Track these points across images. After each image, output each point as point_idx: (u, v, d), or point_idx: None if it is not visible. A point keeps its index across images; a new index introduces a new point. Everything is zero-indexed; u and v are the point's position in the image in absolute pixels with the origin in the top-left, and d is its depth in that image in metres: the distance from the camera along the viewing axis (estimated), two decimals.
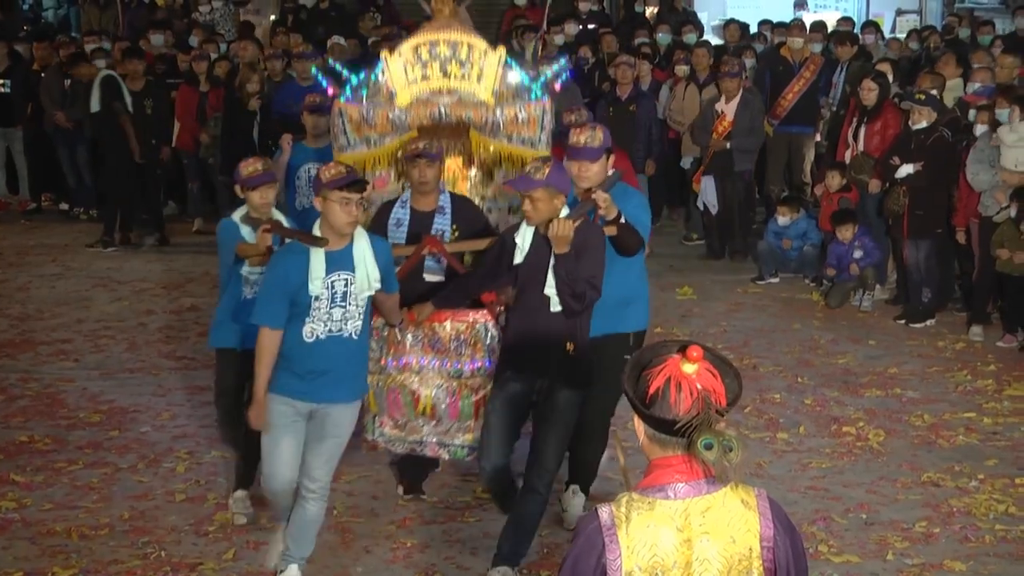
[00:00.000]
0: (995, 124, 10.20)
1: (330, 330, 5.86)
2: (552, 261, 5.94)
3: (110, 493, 7.38)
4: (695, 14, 18.09)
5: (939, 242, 10.82)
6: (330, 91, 7.41)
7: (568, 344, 6.07)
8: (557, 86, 7.53)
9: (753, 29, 16.37)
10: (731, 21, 16.47)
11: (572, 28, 15.92)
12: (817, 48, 13.86)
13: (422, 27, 7.41)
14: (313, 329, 5.84)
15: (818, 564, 6.39)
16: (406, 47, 7.18)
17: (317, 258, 5.80)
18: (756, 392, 8.91)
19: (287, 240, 6.26)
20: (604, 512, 3.17)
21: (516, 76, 7.20)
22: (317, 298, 5.80)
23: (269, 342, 5.87)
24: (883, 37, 15.67)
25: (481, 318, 6.80)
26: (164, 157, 13.91)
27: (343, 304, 5.86)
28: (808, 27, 14.55)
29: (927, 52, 14.45)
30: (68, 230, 14.50)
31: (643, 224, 6.58)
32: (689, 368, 3.11)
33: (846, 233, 11.31)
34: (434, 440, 6.88)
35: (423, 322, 6.72)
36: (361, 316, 5.94)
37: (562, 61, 8.35)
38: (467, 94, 7.14)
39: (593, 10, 17.43)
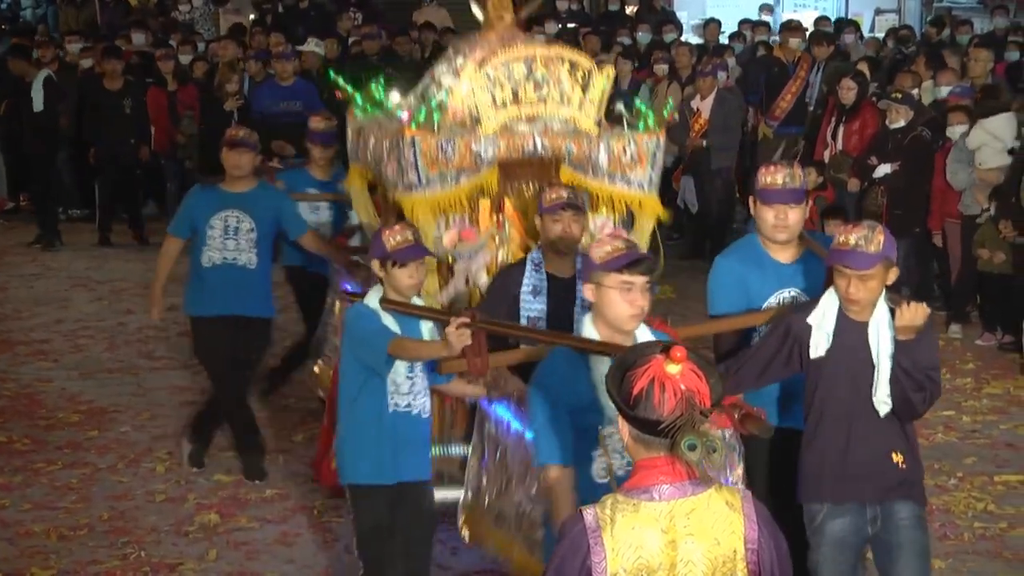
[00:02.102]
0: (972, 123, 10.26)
1: (629, 462, 4.35)
2: (888, 349, 4.69)
3: (89, 493, 7.36)
4: (674, 13, 18.13)
5: (918, 241, 10.86)
6: (404, 118, 6.07)
7: (896, 455, 4.82)
8: (675, 116, 6.44)
9: (733, 28, 16.43)
10: (711, 20, 16.51)
11: (552, 27, 15.93)
12: (800, 46, 13.91)
13: (483, 38, 6.34)
14: (608, 465, 4.38)
15: None
16: (474, 62, 6.08)
17: (599, 367, 4.34)
18: None
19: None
20: (589, 514, 3.17)
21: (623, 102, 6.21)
22: (611, 421, 4.20)
23: (566, 483, 4.35)
24: (862, 37, 15.72)
25: (719, 424, 4.98)
26: (143, 157, 13.86)
27: None
28: (791, 27, 14.58)
29: (903, 53, 14.52)
30: None
31: None
32: (673, 369, 3.11)
33: (834, 229, 11.30)
34: None
35: None
36: None
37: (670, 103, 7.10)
38: (557, 120, 6.02)
39: (572, 9, 17.46)
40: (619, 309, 4.33)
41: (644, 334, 4.47)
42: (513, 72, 5.99)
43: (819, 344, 4.76)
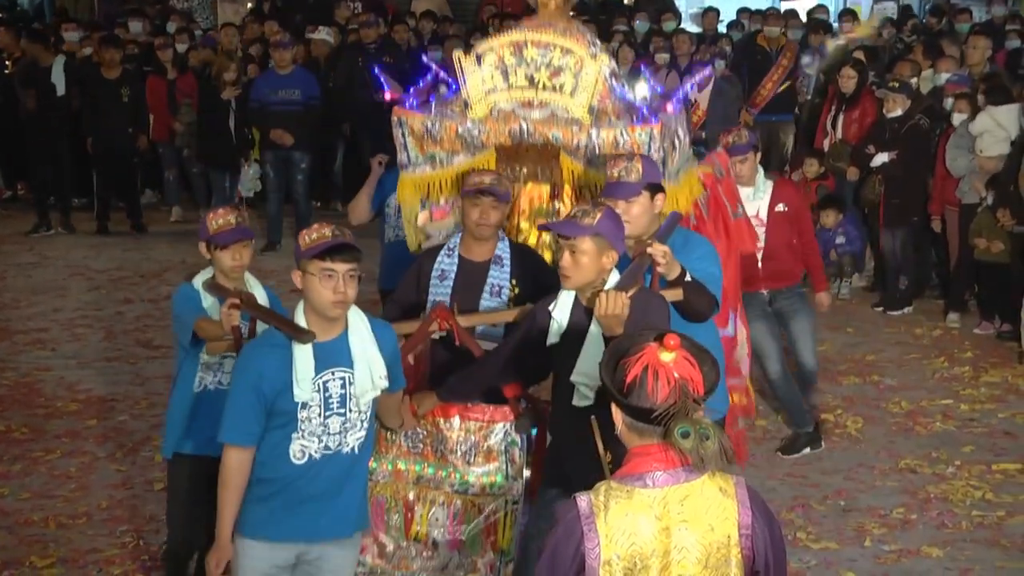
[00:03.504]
0: (976, 111, 10.25)
1: (326, 446, 4.49)
2: (592, 348, 4.62)
3: (88, 482, 7.36)
4: (673, 2, 18.09)
5: (915, 230, 10.87)
6: (387, 96, 6.16)
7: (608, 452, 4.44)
8: (670, 107, 6.02)
9: (731, 17, 16.41)
10: (709, 9, 16.48)
11: None
12: (796, 35, 13.89)
13: (520, 23, 6.14)
14: (304, 447, 4.47)
15: (796, 551, 6.42)
16: (488, 47, 5.95)
17: (302, 353, 4.43)
18: None
19: (260, 323, 4.92)
20: (583, 501, 3.18)
21: (621, 91, 5.98)
22: (306, 405, 4.44)
23: (240, 465, 4.48)
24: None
25: (499, 417, 5.33)
26: (141, 145, 13.85)
27: (341, 411, 4.49)
28: (785, 15, 14.59)
29: (903, 41, 14.50)
30: None
31: (713, 278, 5.29)
32: (667, 356, 3.12)
33: (828, 219, 11.32)
34: None
35: (424, 417, 5.31)
36: (365, 425, 4.59)
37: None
38: (557, 109, 5.86)
39: None
40: (321, 296, 4.37)
41: (357, 317, 4.55)
42: (504, 57, 5.89)
43: (555, 331, 4.77)
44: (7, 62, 14.69)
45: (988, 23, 14.89)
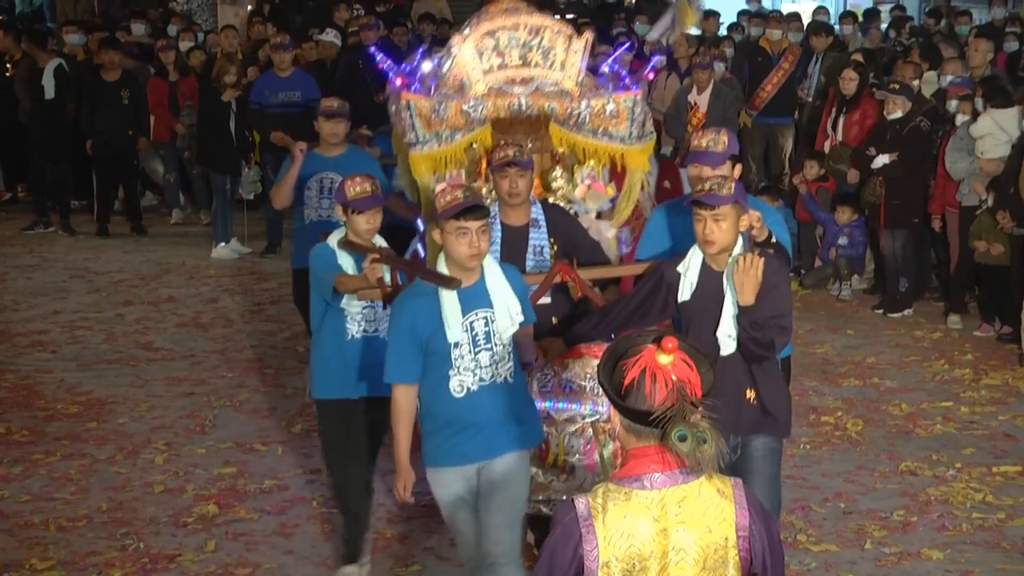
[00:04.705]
0: (976, 113, 10.25)
1: (480, 379, 5.12)
2: (730, 307, 5.12)
3: (88, 484, 7.36)
4: (674, 4, 18.08)
5: (916, 232, 10.86)
6: (397, 82, 6.61)
7: (748, 392, 5.22)
8: (650, 75, 6.59)
9: (732, 19, 16.42)
10: (710, 12, 16.48)
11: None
12: (797, 38, 13.89)
13: (486, 11, 6.72)
14: (462, 382, 5.11)
15: (797, 553, 6.42)
16: (478, 32, 6.51)
17: (449, 298, 5.07)
18: None
19: (384, 270, 5.59)
20: (581, 503, 3.18)
21: (603, 64, 6.56)
22: (457, 344, 5.08)
23: (406, 400, 5.14)
24: (861, 28, 15.71)
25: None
26: (142, 148, 13.85)
27: (488, 346, 5.13)
28: (787, 18, 14.58)
29: (903, 44, 14.51)
30: None
31: (787, 243, 5.73)
32: (664, 359, 3.12)
33: (843, 215, 11.32)
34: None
35: (552, 360, 5.90)
36: (511, 356, 5.21)
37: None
38: (549, 83, 6.46)
39: None
40: (459, 250, 5.02)
41: (489, 263, 5.17)
42: (498, 39, 6.44)
43: (685, 289, 5.25)
44: (7, 64, 14.69)
45: (988, 25, 14.90)
